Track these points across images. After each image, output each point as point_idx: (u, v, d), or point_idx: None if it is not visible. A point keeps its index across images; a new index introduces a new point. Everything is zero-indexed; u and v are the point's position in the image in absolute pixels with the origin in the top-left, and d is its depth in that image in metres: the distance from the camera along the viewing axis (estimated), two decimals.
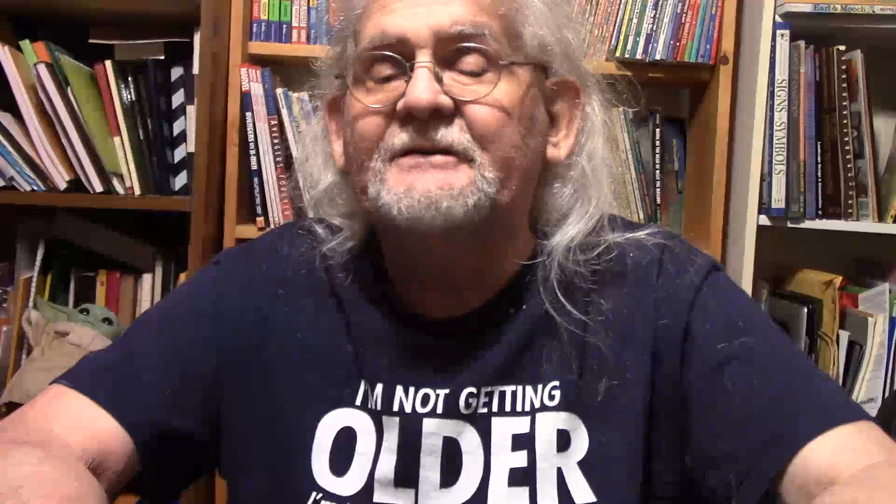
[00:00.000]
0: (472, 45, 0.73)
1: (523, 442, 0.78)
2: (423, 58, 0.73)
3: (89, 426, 0.74)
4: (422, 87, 0.71)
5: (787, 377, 0.75)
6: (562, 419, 0.78)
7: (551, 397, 0.79)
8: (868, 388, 1.63)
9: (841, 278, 1.66)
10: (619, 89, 0.88)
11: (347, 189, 0.84)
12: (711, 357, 0.76)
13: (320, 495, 0.78)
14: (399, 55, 0.74)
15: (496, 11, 0.74)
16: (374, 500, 0.78)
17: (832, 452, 0.68)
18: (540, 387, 0.79)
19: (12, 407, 1.60)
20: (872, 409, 1.61)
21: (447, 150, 0.73)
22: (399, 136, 0.73)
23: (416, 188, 0.72)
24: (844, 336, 1.66)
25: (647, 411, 0.78)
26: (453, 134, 0.72)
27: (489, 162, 0.73)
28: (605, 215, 0.83)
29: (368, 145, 0.75)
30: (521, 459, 0.78)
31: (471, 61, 0.74)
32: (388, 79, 0.75)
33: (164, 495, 0.83)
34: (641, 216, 1.75)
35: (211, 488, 1.71)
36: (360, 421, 0.80)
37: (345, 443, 0.80)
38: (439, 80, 0.73)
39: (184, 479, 0.85)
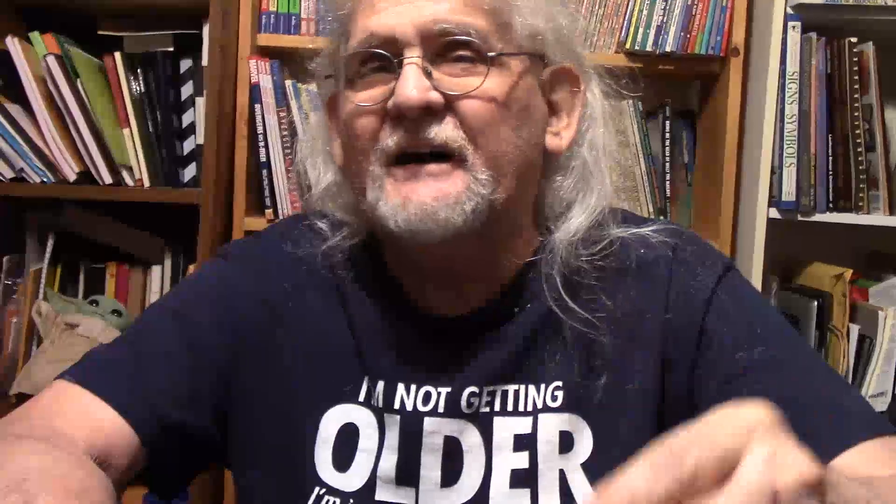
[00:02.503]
0: (458, 38, 0.72)
1: (525, 443, 0.77)
2: (412, 54, 0.72)
3: (94, 422, 0.74)
4: (411, 85, 0.70)
5: (810, 388, 0.74)
6: (564, 420, 0.78)
7: (554, 398, 0.78)
8: (878, 382, 1.62)
9: (851, 272, 1.65)
10: (633, 80, 0.87)
11: (348, 186, 0.83)
12: (729, 365, 0.75)
13: (324, 490, 0.78)
14: (388, 53, 0.73)
15: (481, 6, 0.73)
16: (377, 497, 0.78)
17: (859, 468, 0.66)
18: (543, 386, 0.78)
19: (22, 398, 1.61)
20: (883, 403, 1.61)
21: (441, 151, 0.72)
22: (392, 137, 0.72)
23: (411, 200, 0.71)
24: (855, 330, 1.65)
25: (656, 413, 0.77)
26: (447, 131, 0.72)
27: (482, 161, 0.72)
28: (606, 208, 0.81)
29: (363, 145, 0.74)
30: (522, 460, 0.77)
31: (459, 54, 0.73)
32: (378, 76, 0.74)
33: (170, 488, 0.83)
34: (651, 209, 1.74)
35: (220, 481, 1.71)
36: (362, 417, 0.80)
37: (347, 439, 0.79)
38: (429, 75, 0.72)
39: (190, 473, 0.85)
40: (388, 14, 0.73)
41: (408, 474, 0.78)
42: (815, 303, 1.67)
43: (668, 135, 1.78)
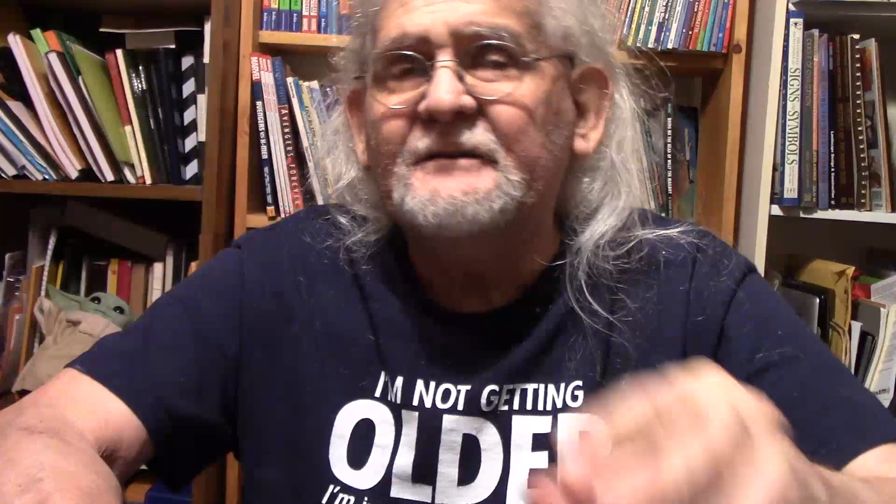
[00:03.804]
0: (491, 42, 0.71)
1: (544, 442, 0.77)
2: (444, 57, 0.71)
3: (102, 413, 0.74)
4: (444, 89, 0.69)
5: (828, 390, 0.74)
6: (584, 420, 0.77)
7: (574, 398, 0.78)
8: (880, 379, 1.62)
9: (853, 269, 1.65)
10: (663, 81, 0.87)
11: (371, 183, 0.83)
12: (748, 366, 0.75)
13: (338, 488, 0.78)
14: (420, 54, 0.72)
15: (515, 8, 0.73)
16: (392, 494, 0.77)
17: (875, 472, 0.67)
18: (563, 386, 0.78)
19: (25, 395, 1.61)
20: (885, 401, 1.60)
21: (472, 153, 0.71)
22: (422, 140, 0.72)
23: (440, 194, 0.71)
24: (857, 327, 1.65)
25: None
26: (478, 136, 0.71)
27: (514, 164, 0.72)
28: (635, 210, 0.81)
29: (392, 148, 0.74)
30: (541, 460, 0.77)
31: (493, 58, 0.72)
32: (408, 78, 0.74)
33: (178, 479, 0.83)
34: (653, 205, 1.74)
35: (222, 475, 1.71)
36: (379, 413, 0.79)
37: (363, 435, 0.79)
38: (461, 78, 0.71)
39: (198, 464, 0.85)
40: (421, 13, 0.72)
41: (425, 472, 0.77)
42: (817, 300, 1.66)
43: (670, 131, 1.77)
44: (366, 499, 0.77)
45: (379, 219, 0.83)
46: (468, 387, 0.78)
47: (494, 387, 0.77)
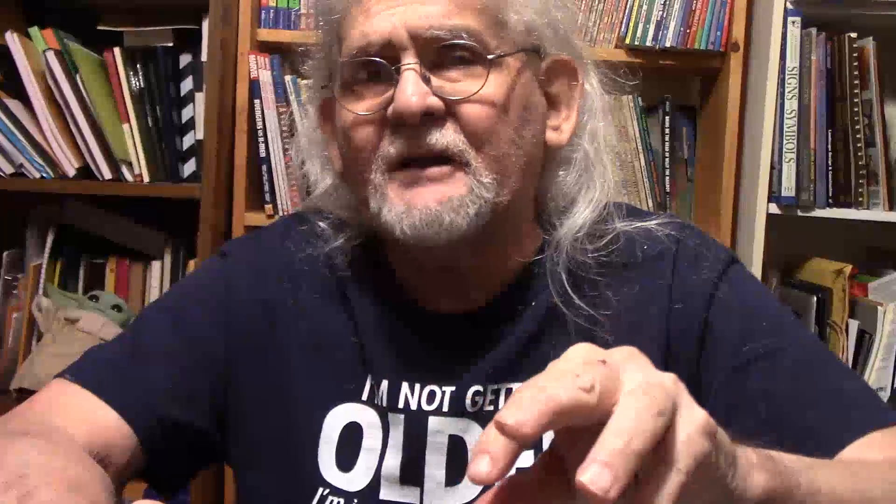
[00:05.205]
0: (454, 42, 0.72)
1: (530, 441, 0.77)
2: (409, 60, 0.71)
3: (93, 421, 0.74)
4: (410, 92, 0.69)
5: (815, 381, 0.74)
6: None
7: None
8: (878, 378, 1.62)
9: (851, 267, 1.65)
10: (631, 73, 0.86)
11: (347, 190, 0.83)
12: (735, 358, 0.75)
13: (327, 490, 0.78)
14: (385, 59, 0.72)
15: (473, 6, 0.72)
16: (381, 497, 0.78)
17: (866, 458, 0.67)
18: None
19: (22, 393, 1.61)
20: (882, 399, 1.61)
21: (442, 156, 0.71)
22: (394, 145, 0.72)
23: (415, 205, 0.71)
24: (854, 325, 1.65)
25: None
26: (447, 137, 0.71)
27: (484, 165, 0.72)
28: (611, 202, 0.81)
29: (365, 156, 0.74)
30: (527, 459, 0.76)
31: (457, 58, 0.72)
32: (376, 84, 0.74)
33: (170, 486, 0.82)
34: (651, 204, 1.74)
35: (220, 479, 1.71)
36: (366, 416, 0.79)
37: (351, 438, 0.79)
38: (427, 80, 0.71)
39: (190, 470, 0.85)
40: (381, 18, 0.72)
41: (412, 474, 0.78)
42: (815, 298, 1.67)
43: (668, 130, 1.77)
44: (355, 501, 0.78)
45: (357, 224, 0.83)
46: (452, 388, 0.78)
47: (479, 387, 0.77)
